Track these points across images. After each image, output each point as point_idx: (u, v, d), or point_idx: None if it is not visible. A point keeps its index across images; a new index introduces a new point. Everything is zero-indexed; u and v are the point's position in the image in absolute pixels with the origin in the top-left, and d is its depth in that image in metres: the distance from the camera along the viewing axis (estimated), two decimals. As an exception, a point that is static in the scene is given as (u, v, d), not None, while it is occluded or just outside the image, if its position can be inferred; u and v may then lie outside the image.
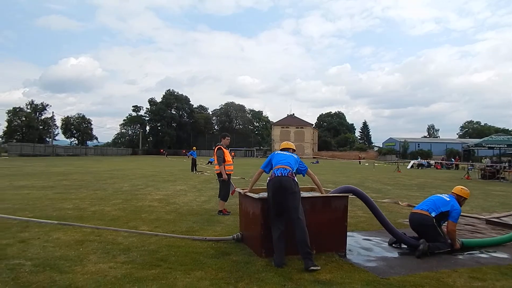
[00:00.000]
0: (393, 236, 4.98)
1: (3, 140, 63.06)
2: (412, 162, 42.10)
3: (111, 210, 7.30)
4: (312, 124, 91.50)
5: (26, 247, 4.38)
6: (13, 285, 3.23)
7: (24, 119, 68.72)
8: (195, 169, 21.66)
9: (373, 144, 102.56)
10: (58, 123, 78.74)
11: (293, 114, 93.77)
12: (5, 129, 66.26)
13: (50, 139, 65.81)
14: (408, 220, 5.19)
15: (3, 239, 4.74)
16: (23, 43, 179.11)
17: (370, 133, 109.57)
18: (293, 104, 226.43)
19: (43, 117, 74.11)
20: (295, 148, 4.95)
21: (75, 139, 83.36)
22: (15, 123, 67.73)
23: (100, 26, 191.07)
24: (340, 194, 4.73)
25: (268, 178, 4.34)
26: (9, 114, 67.09)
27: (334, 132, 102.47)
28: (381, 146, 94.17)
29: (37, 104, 74.55)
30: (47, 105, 75.78)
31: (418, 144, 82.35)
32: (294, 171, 4.38)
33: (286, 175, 4.21)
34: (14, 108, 68.51)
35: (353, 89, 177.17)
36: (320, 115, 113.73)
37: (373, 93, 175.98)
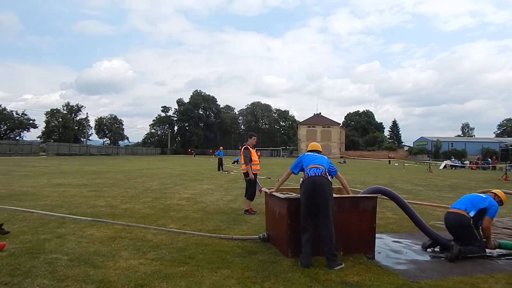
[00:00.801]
0: (430, 238, 4.82)
1: (42, 140, 66.57)
2: (444, 162, 40.50)
3: (141, 208, 7.52)
4: (339, 123, 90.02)
5: (62, 242, 4.59)
6: (50, 278, 3.39)
7: (60, 120, 71.98)
8: (222, 169, 21.88)
9: (403, 144, 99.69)
10: (92, 123, 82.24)
11: (320, 113, 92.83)
12: (44, 129, 69.92)
13: (85, 139, 68.65)
14: (442, 221, 4.99)
15: (41, 234, 5.00)
16: (61, 47, 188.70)
17: (400, 132, 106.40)
18: (320, 103, 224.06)
19: (78, 118, 77.43)
20: (321, 150, 4.89)
21: (108, 139, 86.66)
22: (52, 124, 71.16)
23: (131, 30, 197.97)
24: (369, 195, 4.63)
25: (301, 179, 4.31)
26: (47, 116, 70.70)
27: (362, 131, 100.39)
28: (411, 145, 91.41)
29: (73, 106, 77.96)
30: (82, 106, 79.18)
31: (452, 144, 79.15)
32: (327, 171, 4.34)
33: (319, 174, 4.17)
34: (52, 110, 72.14)
35: (382, 87, 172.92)
36: (347, 114, 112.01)
37: (404, 91, 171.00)
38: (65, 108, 76.31)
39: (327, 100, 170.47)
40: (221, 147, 26.05)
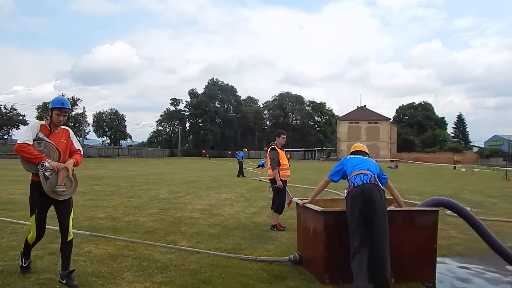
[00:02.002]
0: (509, 263, 4.64)
1: (32, 139, 69.09)
2: (526, 167, 39.01)
3: (147, 221, 7.67)
4: (390, 119, 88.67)
5: (56, 260, 4.73)
6: (43, 302, 3.54)
7: (53, 115, 74.75)
8: (242, 174, 22.30)
9: (471, 144, 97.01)
10: (89, 119, 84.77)
11: (365, 106, 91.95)
12: (34, 126, 72.66)
13: (81, 138, 70.85)
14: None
15: (33, 250, 5.16)
16: (56, 29, 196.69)
17: (467, 130, 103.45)
18: (365, 94, 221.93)
19: (74, 113, 79.84)
20: (368, 152, 4.84)
21: (107, 138, 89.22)
22: (45, 120, 73.86)
23: (137, 7, 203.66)
24: (428, 208, 4.56)
25: (346, 190, 4.30)
26: (39, 110, 73.58)
27: (418, 128, 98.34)
28: (482, 146, 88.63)
29: (68, 99, 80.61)
30: (78, 99, 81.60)
31: (536, 144, 76.05)
32: (376, 177, 4.27)
33: (368, 182, 4.12)
34: (44, 104, 74.73)
35: (445, 72, 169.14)
36: (400, 106, 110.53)
37: (473, 77, 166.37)
38: (59, 101, 79.13)
39: (374, 90, 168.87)
40: (246, 149, 26.21)
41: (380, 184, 4.20)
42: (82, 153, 4.26)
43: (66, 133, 4.19)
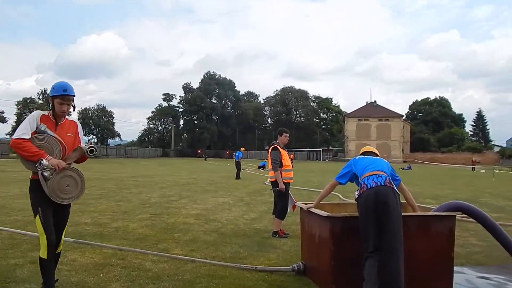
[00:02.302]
0: None
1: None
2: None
3: (137, 227, 7.67)
4: (402, 115, 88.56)
5: (37, 269, 4.71)
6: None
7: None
8: (239, 175, 22.67)
9: (492, 143, 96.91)
10: (75, 116, 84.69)
11: (375, 101, 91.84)
12: (14, 124, 72.70)
13: None
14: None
15: (12, 258, 5.18)
16: (38, 18, 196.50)
17: (487, 128, 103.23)
18: (375, 88, 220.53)
19: (57, 109, 79.91)
20: (379, 155, 4.83)
21: (94, 136, 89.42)
22: (25, 116, 73.86)
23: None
24: (444, 213, 4.57)
25: (357, 193, 4.26)
26: (19, 106, 73.62)
27: (433, 125, 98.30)
28: (504, 145, 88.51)
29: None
30: None
31: None
32: (390, 178, 4.27)
33: (382, 184, 4.10)
34: (25, 99, 74.90)
35: (464, 65, 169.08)
36: (413, 102, 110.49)
37: (494, 71, 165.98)
38: (41, 97, 78.72)
39: (385, 84, 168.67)
40: (243, 148, 26.30)
41: (395, 187, 4.19)
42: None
43: (74, 126, 3.94)
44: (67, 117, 3.97)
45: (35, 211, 3.72)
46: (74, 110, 4.03)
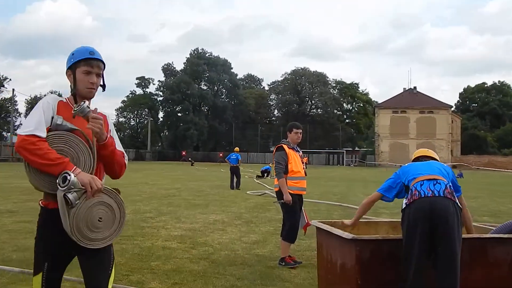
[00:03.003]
0: None
1: None
2: None
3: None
4: (451, 106, 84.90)
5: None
6: None
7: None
8: (235, 185, 21.65)
9: None
10: (21, 106, 78.22)
11: (415, 88, 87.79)
12: None
13: (9, 134, 65.63)
14: None
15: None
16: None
17: None
18: (415, 71, 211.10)
19: None
20: (437, 159, 4.60)
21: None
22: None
23: None
24: (507, 236, 4.49)
25: (405, 201, 4.09)
26: None
27: (492, 119, 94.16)
28: None
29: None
30: (6, 78, 76.35)
31: None
32: (451, 186, 3.97)
33: (441, 194, 3.89)
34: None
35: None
36: (464, 89, 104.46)
37: None
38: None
39: (428, 65, 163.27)
40: (237, 148, 25.99)
41: (457, 201, 3.93)
42: (127, 161, 3.15)
43: (104, 120, 2.91)
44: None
45: (38, 265, 2.82)
46: (104, 90, 3.08)
